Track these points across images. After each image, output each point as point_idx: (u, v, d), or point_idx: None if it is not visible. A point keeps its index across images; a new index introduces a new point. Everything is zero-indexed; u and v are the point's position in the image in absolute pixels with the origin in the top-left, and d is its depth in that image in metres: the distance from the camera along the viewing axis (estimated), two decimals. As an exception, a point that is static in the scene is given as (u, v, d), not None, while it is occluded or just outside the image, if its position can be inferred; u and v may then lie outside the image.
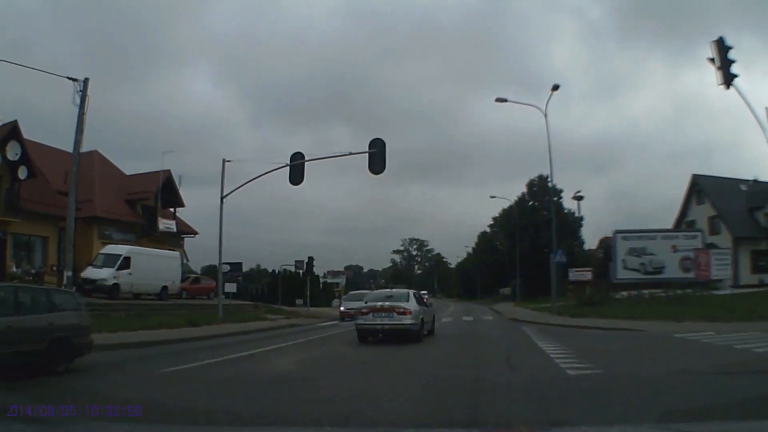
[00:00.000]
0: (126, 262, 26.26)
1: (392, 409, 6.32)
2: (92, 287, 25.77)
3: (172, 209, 37.38)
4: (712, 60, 16.20)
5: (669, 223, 44.63)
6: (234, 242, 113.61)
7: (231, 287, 27.41)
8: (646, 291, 29.31)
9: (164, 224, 34.90)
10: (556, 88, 25.11)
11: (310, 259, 32.42)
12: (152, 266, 27.31)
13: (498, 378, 8.38)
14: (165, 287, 28.20)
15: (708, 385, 7.64)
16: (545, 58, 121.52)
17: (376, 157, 18.85)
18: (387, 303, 15.29)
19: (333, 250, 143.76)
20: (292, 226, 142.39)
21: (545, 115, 25.97)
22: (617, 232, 31.05)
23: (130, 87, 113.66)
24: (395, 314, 14.77)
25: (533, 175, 58.82)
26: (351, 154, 20.12)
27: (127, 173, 39.06)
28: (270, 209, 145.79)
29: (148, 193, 35.35)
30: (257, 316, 26.38)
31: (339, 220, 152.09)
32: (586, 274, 37.40)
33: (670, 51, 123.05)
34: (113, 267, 25.91)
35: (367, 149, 19.18)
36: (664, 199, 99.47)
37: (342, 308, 28.93)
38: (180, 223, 37.68)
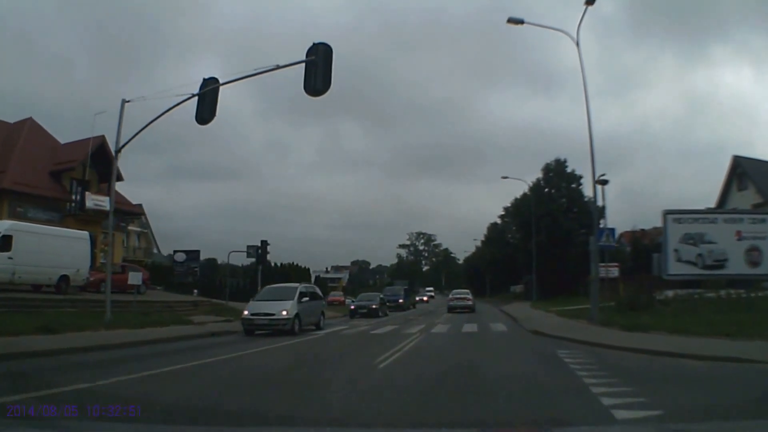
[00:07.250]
0: (5, 243, 19.44)
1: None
2: (-40, 275, 19.19)
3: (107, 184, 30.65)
4: None
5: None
6: (234, 238, 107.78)
7: (135, 278, 20.38)
8: (694, 291, 22.58)
9: (93, 201, 28.15)
10: (590, 1, 17.69)
11: (263, 243, 25.11)
12: (47, 249, 20.39)
13: None
14: (65, 277, 21.28)
15: None
16: (556, 54, 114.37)
17: (316, 67, 11.82)
18: (460, 296, 37.41)
19: (340, 244, 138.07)
20: (301, 221, 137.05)
21: (577, 44, 18.64)
22: (668, 212, 23.23)
23: (136, 80, 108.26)
24: (465, 301, 36.16)
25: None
26: (279, 67, 13.10)
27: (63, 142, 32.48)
28: (278, 204, 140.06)
29: (74, 162, 28.64)
30: (178, 319, 19.19)
31: (347, 215, 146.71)
32: (614, 270, 30.53)
33: (682, 49, 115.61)
34: (-14, 249, 19.15)
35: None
36: (675, 198, 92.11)
37: (246, 312, 17.80)
38: (120, 200, 30.85)
